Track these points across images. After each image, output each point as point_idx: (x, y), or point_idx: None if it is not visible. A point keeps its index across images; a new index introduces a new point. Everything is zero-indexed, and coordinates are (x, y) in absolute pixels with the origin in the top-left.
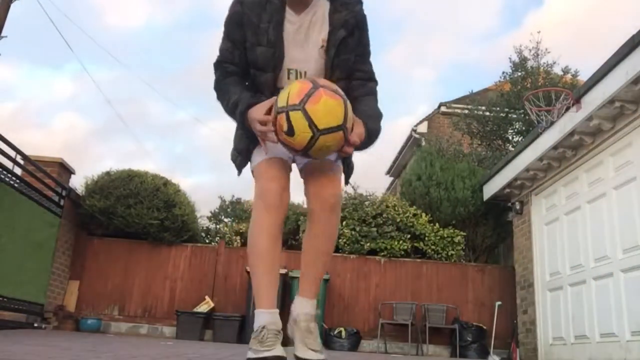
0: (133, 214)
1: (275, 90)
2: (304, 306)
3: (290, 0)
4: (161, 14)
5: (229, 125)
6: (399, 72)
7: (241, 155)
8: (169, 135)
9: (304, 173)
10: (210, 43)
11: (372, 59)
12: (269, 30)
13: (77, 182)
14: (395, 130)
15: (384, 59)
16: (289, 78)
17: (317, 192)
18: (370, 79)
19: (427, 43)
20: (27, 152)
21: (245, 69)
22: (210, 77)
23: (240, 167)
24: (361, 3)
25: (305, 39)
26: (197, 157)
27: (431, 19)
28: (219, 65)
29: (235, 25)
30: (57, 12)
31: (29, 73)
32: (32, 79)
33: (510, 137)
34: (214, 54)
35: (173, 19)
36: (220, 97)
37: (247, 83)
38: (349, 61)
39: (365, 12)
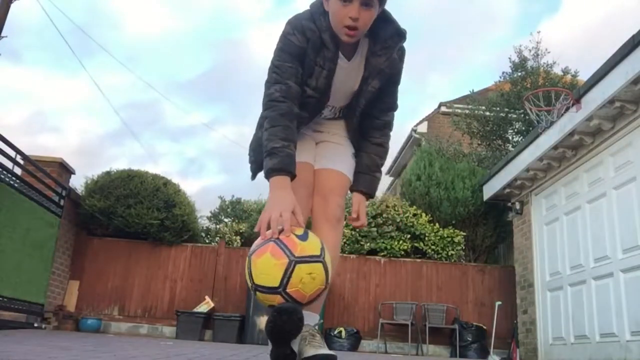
0: (133, 214)
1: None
2: (307, 318)
3: (343, 47)
4: (179, 21)
5: (237, 131)
6: (411, 75)
7: (255, 164)
8: (182, 139)
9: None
10: (219, 48)
11: None
12: (320, 78)
13: (78, 182)
14: (395, 130)
15: None
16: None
17: (324, 198)
18: (391, 109)
19: (439, 48)
20: (40, 155)
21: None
22: (218, 82)
23: (254, 173)
24: (402, 48)
25: (344, 81)
26: (209, 160)
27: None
28: (277, 82)
29: (295, 57)
30: (79, 19)
31: (47, 78)
32: (51, 84)
33: (510, 137)
34: (220, 58)
35: (191, 26)
36: (268, 123)
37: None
38: (375, 99)
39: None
